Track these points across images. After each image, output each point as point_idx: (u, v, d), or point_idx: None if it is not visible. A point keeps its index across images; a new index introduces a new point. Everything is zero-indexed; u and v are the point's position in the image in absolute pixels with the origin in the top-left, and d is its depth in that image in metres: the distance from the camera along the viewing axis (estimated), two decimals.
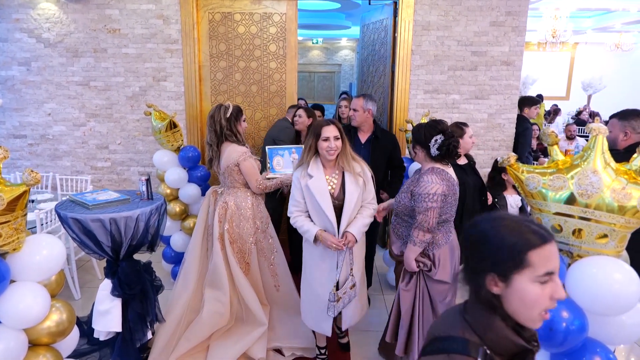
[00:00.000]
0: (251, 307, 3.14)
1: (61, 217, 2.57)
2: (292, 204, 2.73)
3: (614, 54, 13.36)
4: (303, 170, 2.66)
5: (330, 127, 2.58)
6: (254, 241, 3.22)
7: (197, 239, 3.30)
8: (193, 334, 3.08)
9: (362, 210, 2.74)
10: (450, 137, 2.48)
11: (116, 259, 2.71)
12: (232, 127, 3.15)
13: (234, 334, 3.19)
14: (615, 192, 1.41)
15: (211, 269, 3.19)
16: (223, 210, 3.17)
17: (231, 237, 3.16)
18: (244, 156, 3.12)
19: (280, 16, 4.72)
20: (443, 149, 2.46)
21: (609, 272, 1.41)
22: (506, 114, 4.82)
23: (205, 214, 3.32)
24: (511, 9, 4.59)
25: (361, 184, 2.66)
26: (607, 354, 1.47)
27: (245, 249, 3.20)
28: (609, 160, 1.48)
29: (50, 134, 4.93)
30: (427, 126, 2.54)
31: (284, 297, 3.33)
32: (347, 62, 15.43)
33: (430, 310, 2.62)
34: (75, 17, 4.65)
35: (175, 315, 3.11)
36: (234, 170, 3.14)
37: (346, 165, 2.65)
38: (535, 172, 1.57)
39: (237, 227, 3.17)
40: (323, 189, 2.60)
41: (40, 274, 1.93)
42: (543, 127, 9.99)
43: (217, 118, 3.12)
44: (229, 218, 3.15)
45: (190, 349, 3.07)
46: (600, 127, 1.51)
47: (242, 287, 3.14)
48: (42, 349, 1.99)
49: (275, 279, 3.32)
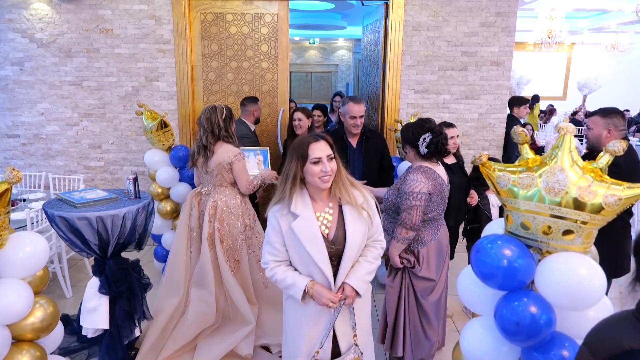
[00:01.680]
0: (239, 307, 3.17)
1: (48, 215, 2.60)
2: (268, 251, 1.98)
3: (610, 55, 13.40)
4: (284, 209, 1.92)
5: (320, 144, 1.87)
6: (244, 238, 3.25)
7: (181, 241, 3.29)
8: (179, 334, 3.11)
9: (366, 251, 2.03)
10: (439, 135, 2.51)
11: (104, 257, 2.74)
12: (228, 127, 3.19)
13: (221, 333, 3.22)
14: (581, 190, 1.44)
15: (197, 269, 3.21)
16: (213, 209, 3.19)
17: (221, 236, 3.18)
18: (238, 157, 3.15)
19: (272, 16, 4.75)
20: (432, 147, 2.49)
21: (574, 267, 1.44)
22: (496, 113, 4.85)
23: (187, 217, 3.30)
24: (501, 9, 4.62)
25: (366, 219, 1.97)
26: (575, 347, 1.50)
27: (235, 247, 3.23)
28: (576, 158, 1.51)
29: (43, 133, 4.96)
30: (416, 125, 2.57)
31: (272, 294, 3.36)
32: (344, 63, 15.46)
33: (415, 306, 2.65)
34: (68, 17, 4.68)
35: (163, 316, 3.14)
36: (224, 169, 3.16)
37: (344, 195, 1.94)
38: (506, 170, 1.60)
39: (227, 225, 3.20)
40: (313, 232, 1.88)
41: (24, 271, 1.96)
42: (538, 127, 10.03)
43: (214, 120, 3.15)
44: (219, 217, 3.18)
45: (177, 349, 3.10)
46: (568, 126, 1.54)
47: (231, 287, 3.17)
48: (26, 345, 2.02)
49: (263, 275, 3.35)
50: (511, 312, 1.51)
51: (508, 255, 1.53)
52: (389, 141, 4.82)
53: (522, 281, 1.56)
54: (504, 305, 1.55)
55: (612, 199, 1.41)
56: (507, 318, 1.52)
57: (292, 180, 1.90)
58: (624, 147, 1.45)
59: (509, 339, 1.54)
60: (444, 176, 2.59)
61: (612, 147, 1.48)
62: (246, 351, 3.09)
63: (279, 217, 1.92)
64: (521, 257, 1.54)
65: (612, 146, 1.47)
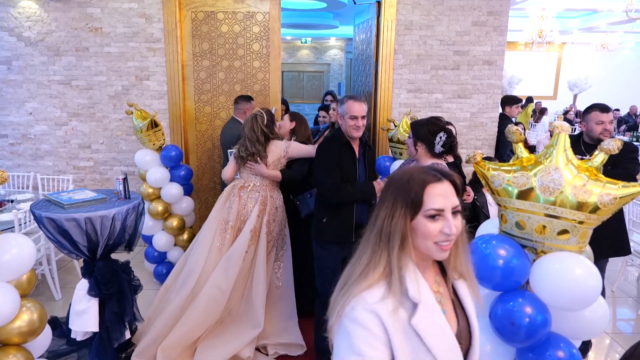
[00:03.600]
0: (256, 306, 3.13)
1: (36, 216, 2.55)
2: None
3: (600, 54, 13.51)
4: (390, 296, 1.11)
5: (444, 187, 1.15)
6: (282, 236, 3.39)
7: (208, 235, 3.27)
8: (188, 317, 3.05)
9: None
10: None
11: (93, 259, 2.70)
12: (272, 129, 3.35)
13: (225, 334, 3.14)
14: (576, 189, 1.43)
15: (228, 254, 3.18)
16: (263, 205, 3.26)
17: (269, 231, 3.26)
18: (286, 143, 3.36)
19: (264, 15, 4.71)
20: (446, 146, 2.52)
21: (570, 267, 1.43)
22: (488, 113, 4.86)
23: (221, 211, 3.31)
24: (492, 8, 4.62)
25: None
26: (570, 348, 1.50)
27: (281, 243, 3.38)
28: (571, 157, 1.50)
29: (31, 133, 4.89)
30: (430, 123, 2.56)
31: (280, 296, 3.33)
32: (336, 62, 15.45)
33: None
34: (57, 16, 4.61)
35: (171, 310, 3.08)
36: (280, 162, 3.33)
37: (464, 268, 1.25)
38: (501, 169, 1.59)
39: (273, 222, 3.30)
40: (443, 329, 1.15)
41: (10, 274, 1.92)
42: (529, 127, 10.08)
43: (257, 129, 3.27)
44: (269, 211, 3.27)
45: (180, 344, 3.01)
46: (562, 124, 1.53)
47: (257, 282, 3.16)
48: (13, 349, 1.97)
49: (278, 275, 3.34)
50: (506, 313, 1.50)
51: (503, 255, 1.52)
52: (382, 141, 4.81)
53: (517, 281, 1.55)
54: (499, 306, 1.53)
55: (607, 198, 1.40)
56: (502, 318, 1.51)
57: (400, 244, 1.13)
58: (619, 145, 1.44)
59: (503, 340, 1.53)
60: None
61: (607, 146, 1.47)
62: (247, 354, 3.04)
63: (384, 314, 1.08)
64: (516, 257, 1.52)
65: (607, 145, 1.46)
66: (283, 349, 3.21)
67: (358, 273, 1.14)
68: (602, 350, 3.41)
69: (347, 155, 2.84)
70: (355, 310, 1.08)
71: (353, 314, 1.08)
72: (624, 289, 4.34)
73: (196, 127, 4.91)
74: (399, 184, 1.15)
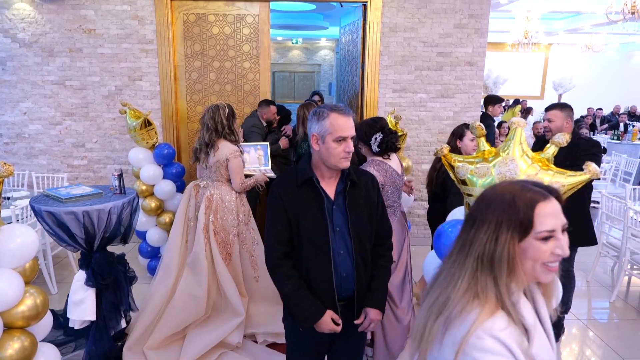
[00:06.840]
0: (230, 298, 3.27)
1: (35, 210, 2.68)
2: None
3: (586, 55, 13.78)
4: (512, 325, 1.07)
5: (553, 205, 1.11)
6: (237, 233, 3.39)
7: (177, 231, 3.43)
8: (166, 321, 3.20)
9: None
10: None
11: (90, 251, 2.83)
12: (231, 125, 3.33)
13: (211, 323, 3.30)
14: (530, 177, 1.60)
15: (191, 258, 3.32)
16: (208, 202, 3.33)
17: (215, 228, 3.32)
18: (234, 154, 3.29)
19: (253, 17, 4.86)
20: (383, 146, 2.70)
21: None
22: (471, 111, 5.04)
23: (185, 208, 3.45)
24: (474, 12, 4.81)
25: None
26: None
27: (228, 240, 3.37)
28: (526, 149, 1.67)
29: (26, 132, 5.00)
30: (367, 125, 2.77)
31: (262, 289, 3.47)
32: (327, 62, 15.60)
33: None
34: (51, 17, 4.73)
35: (153, 304, 3.22)
36: (222, 166, 3.30)
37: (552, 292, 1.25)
38: (465, 161, 1.76)
39: (221, 219, 3.33)
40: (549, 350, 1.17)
41: (15, 261, 2.05)
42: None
43: (218, 118, 3.27)
44: (214, 210, 3.32)
45: (167, 337, 3.17)
46: (519, 120, 1.70)
47: (223, 278, 3.28)
48: (17, 332, 2.11)
49: (255, 270, 3.47)
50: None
51: None
52: None
53: None
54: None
55: (556, 186, 1.57)
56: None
57: (508, 269, 1.07)
58: (567, 139, 1.61)
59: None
60: (396, 168, 2.79)
61: (557, 139, 1.64)
62: (236, 340, 3.20)
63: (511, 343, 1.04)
64: None
65: (558, 138, 1.64)
66: (272, 337, 3.36)
67: (458, 299, 1.08)
68: (575, 337, 3.60)
69: (310, 198, 1.86)
70: (484, 340, 1.02)
71: (482, 344, 1.02)
72: (599, 279, 4.55)
73: (188, 126, 5.05)
74: (502, 204, 1.07)
